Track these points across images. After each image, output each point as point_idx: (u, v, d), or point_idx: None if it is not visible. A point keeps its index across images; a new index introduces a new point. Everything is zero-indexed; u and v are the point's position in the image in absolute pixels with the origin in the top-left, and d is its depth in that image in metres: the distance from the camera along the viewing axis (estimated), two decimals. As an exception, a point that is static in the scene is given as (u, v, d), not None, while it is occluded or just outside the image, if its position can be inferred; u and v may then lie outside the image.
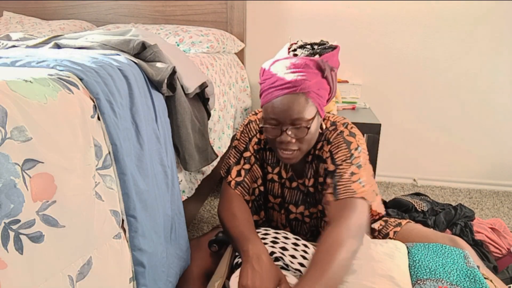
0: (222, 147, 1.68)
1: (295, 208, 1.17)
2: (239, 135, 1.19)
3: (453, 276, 0.93)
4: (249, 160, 1.17)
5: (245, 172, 1.17)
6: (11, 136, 0.55)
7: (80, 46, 1.00)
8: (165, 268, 0.94)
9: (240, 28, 2.23)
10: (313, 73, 0.98)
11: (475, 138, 2.28)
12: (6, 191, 0.54)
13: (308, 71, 0.98)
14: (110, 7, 2.37)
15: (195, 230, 1.78)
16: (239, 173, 1.17)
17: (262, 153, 1.19)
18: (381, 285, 0.87)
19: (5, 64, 0.78)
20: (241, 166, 1.17)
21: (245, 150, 1.18)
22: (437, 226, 1.43)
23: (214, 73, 1.66)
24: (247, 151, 1.17)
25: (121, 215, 0.79)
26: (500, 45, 2.09)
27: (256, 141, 1.17)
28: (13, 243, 0.56)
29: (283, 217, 1.19)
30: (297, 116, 0.97)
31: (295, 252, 0.97)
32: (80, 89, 0.71)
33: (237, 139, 1.20)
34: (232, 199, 1.13)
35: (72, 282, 0.66)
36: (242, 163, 1.17)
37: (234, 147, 1.20)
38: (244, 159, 1.17)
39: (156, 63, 1.03)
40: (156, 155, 0.96)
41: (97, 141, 0.72)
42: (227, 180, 1.17)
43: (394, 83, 2.26)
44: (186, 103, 1.17)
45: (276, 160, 1.17)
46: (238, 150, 1.19)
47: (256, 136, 1.17)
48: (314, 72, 0.98)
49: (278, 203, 1.19)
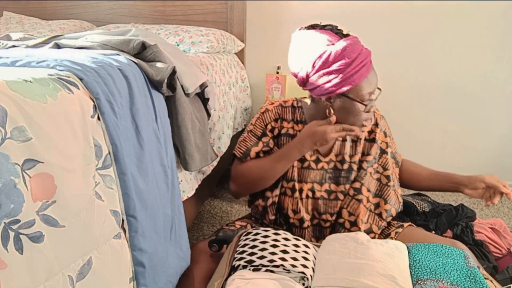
0: (222, 147, 1.68)
1: (320, 186, 1.20)
2: (254, 121, 1.24)
3: (454, 276, 0.92)
4: (267, 143, 1.22)
5: (264, 154, 1.22)
6: (11, 136, 0.55)
7: (80, 46, 1.00)
8: (165, 268, 0.94)
9: (240, 28, 2.23)
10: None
11: (475, 138, 2.28)
12: (6, 191, 0.54)
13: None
14: (110, 7, 2.36)
15: (195, 230, 1.78)
16: (258, 154, 1.21)
17: (279, 138, 1.22)
18: (382, 284, 0.87)
19: (5, 64, 0.78)
20: (260, 149, 1.21)
21: (263, 135, 1.22)
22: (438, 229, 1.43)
23: (214, 73, 1.66)
24: (266, 136, 1.22)
25: (121, 215, 0.79)
26: (500, 46, 2.09)
27: (270, 128, 1.22)
28: (13, 243, 0.56)
29: (294, 201, 1.19)
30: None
31: (296, 254, 0.97)
32: (80, 89, 0.71)
33: (252, 124, 1.24)
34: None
35: (72, 282, 0.66)
36: (261, 146, 1.21)
37: (250, 131, 1.24)
38: (263, 143, 1.22)
39: (156, 63, 1.03)
40: (156, 155, 0.96)
41: (97, 141, 0.72)
42: (245, 160, 1.22)
43: (394, 83, 2.26)
44: (186, 103, 1.17)
45: None
46: (254, 134, 1.23)
47: (271, 124, 1.22)
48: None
49: (291, 187, 1.20)
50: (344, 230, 1.19)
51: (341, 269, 0.93)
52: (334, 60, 1.03)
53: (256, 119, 1.24)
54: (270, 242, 0.99)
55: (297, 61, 1.10)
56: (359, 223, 1.17)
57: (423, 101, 2.27)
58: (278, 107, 1.23)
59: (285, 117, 1.22)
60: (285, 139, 1.22)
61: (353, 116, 1.10)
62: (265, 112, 1.23)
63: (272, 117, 1.22)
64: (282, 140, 1.22)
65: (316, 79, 1.07)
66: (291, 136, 1.21)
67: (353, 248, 1.00)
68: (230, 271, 0.96)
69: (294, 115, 1.23)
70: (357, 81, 1.04)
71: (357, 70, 1.03)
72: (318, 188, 1.20)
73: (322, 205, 1.20)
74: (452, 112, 2.26)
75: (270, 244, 0.99)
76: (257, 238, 1.02)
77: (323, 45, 1.05)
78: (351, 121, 1.10)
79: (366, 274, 0.90)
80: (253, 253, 0.96)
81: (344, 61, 1.02)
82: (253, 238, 1.02)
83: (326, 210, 1.20)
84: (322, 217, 1.20)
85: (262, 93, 2.38)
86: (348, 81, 1.03)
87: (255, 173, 1.19)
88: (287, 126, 1.22)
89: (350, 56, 1.02)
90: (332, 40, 1.06)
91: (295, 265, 0.93)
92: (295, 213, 1.20)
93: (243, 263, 0.95)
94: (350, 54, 1.02)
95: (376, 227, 1.20)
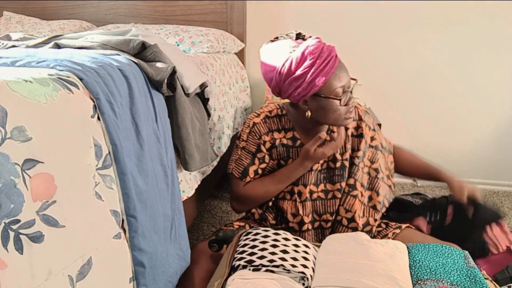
0: (222, 147, 1.68)
1: (316, 187, 1.22)
2: (246, 137, 1.23)
3: (454, 276, 0.92)
4: (263, 159, 1.23)
5: (262, 170, 1.23)
6: (11, 136, 0.55)
7: (80, 46, 1.00)
8: (165, 268, 0.94)
9: (240, 28, 2.23)
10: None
11: (475, 138, 2.28)
12: (6, 191, 0.54)
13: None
14: (110, 7, 2.36)
15: (195, 230, 1.78)
16: (256, 172, 1.23)
17: (272, 151, 1.23)
18: (382, 284, 0.87)
19: (5, 64, 0.78)
20: (257, 166, 1.22)
21: (258, 151, 1.22)
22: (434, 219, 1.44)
23: (214, 73, 1.66)
24: (260, 152, 1.22)
25: (121, 215, 0.79)
26: (500, 46, 2.09)
27: (263, 141, 1.22)
28: (13, 243, 0.56)
29: (293, 204, 1.21)
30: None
31: (296, 254, 0.97)
32: (80, 89, 0.71)
33: (244, 141, 1.23)
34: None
35: (72, 282, 0.66)
36: (257, 163, 1.22)
37: (243, 148, 1.23)
38: (259, 159, 1.22)
39: (156, 63, 1.03)
40: (156, 155, 0.95)
41: (97, 141, 0.72)
42: (244, 180, 1.22)
43: (394, 83, 2.26)
44: (186, 103, 1.17)
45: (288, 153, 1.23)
46: (249, 151, 1.23)
47: (263, 138, 1.22)
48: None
49: (289, 191, 1.22)
50: (342, 228, 1.20)
51: (341, 269, 0.93)
52: (297, 66, 1.07)
53: (246, 134, 1.23)
54: (270, 242, 0.99)
55: (267, 73, 1.14)
56: (357, 218, 1.18)
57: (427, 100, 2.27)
58: (265, 119, 1.24)
59: (274, 128, 1.23)
60: (280, 150, 1.23)
61: (332, 112, 1.12)
62: (254, 126, 1.23)
63: (262, 130, 1.22)
64: (277, 151, 1.23)
65: (287, 87, 1.10)
66: (285, 146, 1.22)
67: (353, 248, 1.00)
68: (230, 271, 0.96)
69: (281, 124, 1.24)
70: (324, 80, 1.06)
71: (322, 69, 1.06)
72: (314, 190, 1.21)
73: (321, 206, 1.21)
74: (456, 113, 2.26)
75: (270, 244, 0.98)
76: (257, 238, 1.02)
77: (286, 53, 1.10)
78: (332, 118, 1.13)
79: (366, 274, 0.90)
80: (253, 253, 0.96)
81: (307, 64, 1.06)
82: (253, 238, 1.02)
83: (326, 210, 1.21)
84: (323, 217, 1.21)
85: (262, 93, 2.38)
86: (315, 81, 1.06)
87: (260, 195, 1.22)
88: (278, 137, 1.23)
89: (311, 57, 1.05)
90: (294, 46, 1.10)
91: (295, 265, 0.93)
92: (295, 216, 1.21)
93: (243, 263, 0.95)
94: (310, 56, 1.06)
95: (372, 219, 1.22)
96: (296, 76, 1.07)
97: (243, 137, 1.24)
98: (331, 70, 1.07)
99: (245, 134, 1.24)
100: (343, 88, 1.10)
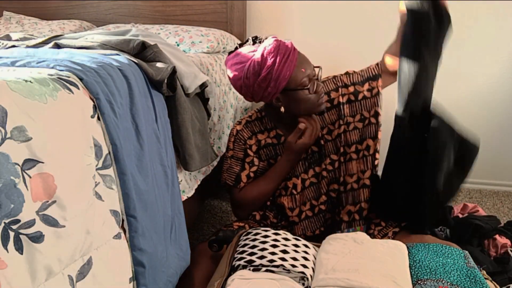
0: (222, 147, 1.68)
1: (307, 175, 1.26)
2: (232, 145, 1.27)
3: (454, 276, 0.93)
4: (252, 163, 1.26)
5: (254, 174, 1.26)
6: (11, 136, 0.55)
7: (80, 46, 1.00)
8: (165, 268, 0.94)
9: (240, 28, 2.23)
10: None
11: (475, 138, 2.27)
12: (6, 191, 0.54)
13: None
14: (110, 7, 2.36)
15: (195, 230, 1.78)
16: (248, 176, 1.26)
17: (260, 152, 1.27)
18: (382, 284, 0.87)
19: (5, 64, 0.78)
20: (248, 171, 1.26)
21: (245, 156, 1.26)
22: None
23: (214, 73, 1.66)
24: (248, 156, 1.26)
25: (121, 215, 0.79)
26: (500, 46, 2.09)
27: (248, 146, 1.26)
28: (13, 243, 0.56)
29: (290, 198, 1.25)
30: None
31: (296, 254, 0.97)
32: (80, 89, 0.71)
33: (231, 149, 1.27)
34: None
35: (72, 282, 0.66)
36: (248, 168, 1.26)
37: (231, 156, 1.27)
38: (248, 164, 1.26)
39: (156, 63, 1.03)
40: (156, 155, 0.96)
41: (97, 141, 0.72)
42: (239, 186, 1.26)
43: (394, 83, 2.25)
44: (186, 103, 1.17)
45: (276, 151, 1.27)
46: (237, 158, 1.27)
47: (247, 143, 1.26)
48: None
49: (283, 186, 1.26)
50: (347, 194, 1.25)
51: (341, 269, 0.93)
52: (260, 68, 1.12)
53: (232, 143, 1.27)
54: (270, 242, 0.99)
55: (236, 83, 1.19)
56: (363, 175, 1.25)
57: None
58: (246, 124, 1.28)
59: (257, 130, 1.27)
60: (267, 150, 1.27)
61: (304, 103, 1.16)
62: (238, 133, 1.27)
63: (245, 135, 1.26)
64: (265, 152, 1.27)
65: (257, 90, 1.14)
66: (270, 145, 1.26)
67: (353, 248, 1.00)
68: (230, 271, 0.96)
69: (263, 125, 1.28)
70: (288, 74, 1.11)
71: (283, 64, 1.10)
72: (305, 177, 1.26)
73: (316, 190, 1.26)
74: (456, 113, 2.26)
75: (270, 244, 0.99)
76: (257, 238, 1.02)
77: (247, 59, 1.14)
78: (305, 107, 1.17)
79: (366, 274, 0.90)
80: (253, 253, 0.96)
81: (268, 63, 1.10)
82: (253, 238, 1.02)
83: (321, 192, 1.26)
84: (320, 200, 1.26)
85: (262, 93, 2.38)
86: (280, 78, 1.11)
87: (256, 196, 1.25)
88: (262, 138, 1.27)
89: (271, 57, 1.10)
90: (253, 50, 1.14)
91: (295, 265, 0.93)
92: (292, 210, 1.24)
93: (243, 263, 0.95)
94: (270, 56, 1.10)
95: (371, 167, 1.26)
96: (261, 77, 1.11)
97: (229, 146, 1.28)
98: (292, 63, 1.12)
99: (231, 143, 1.28)
100: (308, 77, 1.14)
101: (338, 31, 2.22)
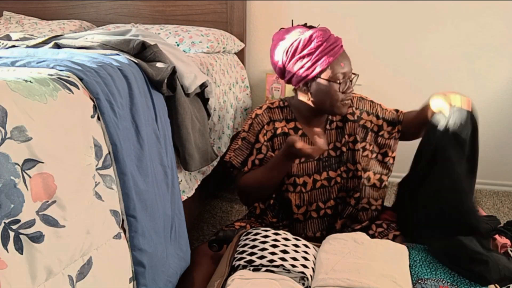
0: (222, 147, 1.68)
1: (319, 176, 1.26)
2: (247, 127, 1.27)
3: (454, 276, 0.93)
4: (260, 150, 1.25)
5: (259, 161, 1.25)
6: (11, 136, 0.55)
7: (80, 46, 1.00)
8: (165, 268, 0.94)
9: (240, 28, 2.23)
10: None
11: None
12: (6, 191, 0.54)
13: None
14: (110, 7, 2.36)
15: (195, 230, 1.78)
16: (253, 162, 1.25)
17: (274, 140, 1.26)
18: (382, 284, 0.87)
19: (5, 64, 0.78)
20: (254, 157, 1.25)
21: (256, 141, 1.26)
22: None
23: (214, 73, 1.66)
24: (258, 142, 1.26)
25: (121, 215, 0.79)
26: (501, 45, 2.09)
27: (264, 132, 1.26)
28: (13, 243, 0.56)
29: (297, 195, 1.24)
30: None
31: (296, 254, 0.97)
32: (80, 89, 0.71)
33: (246, 131, 1.27)
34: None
35: (72, 282, 0.66)
36: (255, 154, 1.25)
37: (243, 138, 1.27)
38: (256, 150, 1.25)
39: (156, 63, 1.03)
40: (156, 155, 0.96)
41: (97, 141, 0.72)
42: (243, 170, 1.25)
43: (394, 83, 2.26)
44: (186, 103, 1.17)
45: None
46: (249, 142, 1.26)
47: (264, 128, 1.26)
48: None
49: (292, 182, 1.24)
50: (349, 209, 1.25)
51: (341, 269, 0.93)
52: (304, 46, 1.14)
53: (248, 125, 1.27)
54: (270, 242, 0.99)
55: (275, 54, 1.21)
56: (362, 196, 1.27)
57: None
58: (267, 110, 1.28)
59: (276, 118, 1.27)
60: (281, 138, 1.26)
61: (330, 96, 1.16)
62: (256, 117, 1.27)
63: (264, 121, 1.26)
64: (279, 140, 1.26)
65: (292, 67, 1.16)
66: (286, 134, 1.26)
67: (353, 248, 1.00)
68: (230, 271, 0.96)
69: (283, 114, 1.28)
70: (327, 62, 1.13)
71: (326, 52, 1.13)
72: (318, 178, 1.25)
73: (326, 193, 1.25)
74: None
75: (270, 244, 0.99)
76: (257, 238, 1.02)
77: (295, 36, 1.17)
78: (330, 102, 1.17)
79: (366, 274, 0.90)
80: (253, 253, 0.96)
81: (312, 46, 1.13)
82: (253, 238, 1.02)
83: (330, 196, 1.25)
84: (327, 204, 1.25)
85: (262, 93, 2.38)
86: (318, 62, 1.13)
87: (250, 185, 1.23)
88: (279, 126, 1.26)
89: (317, 41, 1.13)
90: (303, 31, 1.17)
91: (295, 265, 0.93)
92: (299, 208, 1.23)
93: (243, 263, 0.95)
94: (317, 39, 1.13)
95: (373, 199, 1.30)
96: (302, 55, 1.14)
97: (244, 128, 1.28)
98: (335, 54, 1.14)
99: (246, 125, 1.28)
100: (344, 75, 1.16)
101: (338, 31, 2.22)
